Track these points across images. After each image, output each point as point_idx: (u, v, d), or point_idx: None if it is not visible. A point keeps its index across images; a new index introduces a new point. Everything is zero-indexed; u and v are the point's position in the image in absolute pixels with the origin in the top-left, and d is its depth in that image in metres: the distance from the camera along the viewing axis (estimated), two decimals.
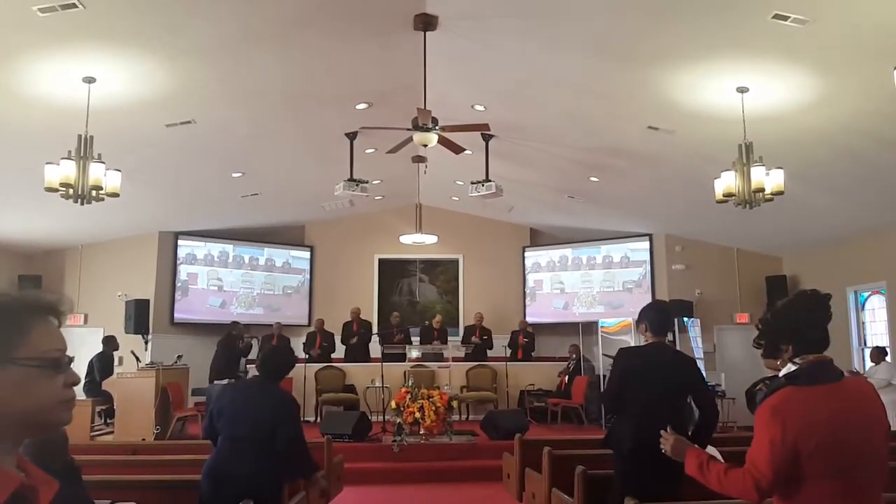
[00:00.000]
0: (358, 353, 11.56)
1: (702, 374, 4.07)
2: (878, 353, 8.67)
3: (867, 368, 9.10)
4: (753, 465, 1.98)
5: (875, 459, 1.98)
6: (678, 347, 10.29)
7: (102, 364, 9.83)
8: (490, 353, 11.75)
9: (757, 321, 2.20)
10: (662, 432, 2.44)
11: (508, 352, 11.65)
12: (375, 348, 11.44)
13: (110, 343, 10.25)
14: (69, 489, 2.61)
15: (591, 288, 12.88)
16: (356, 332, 11.70)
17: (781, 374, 2.10)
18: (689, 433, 3.72)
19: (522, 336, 11.93)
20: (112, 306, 11.35)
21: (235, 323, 11.01)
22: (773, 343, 2.11)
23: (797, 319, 2.08)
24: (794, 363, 2.06)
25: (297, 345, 11.74)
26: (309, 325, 12.46)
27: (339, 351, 11.73)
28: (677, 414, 3.78)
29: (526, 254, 13.51)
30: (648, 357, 3.79)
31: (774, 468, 1.93)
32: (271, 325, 11.69)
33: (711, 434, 3.77)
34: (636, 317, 4.06)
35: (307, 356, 11.16)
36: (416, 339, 11.82)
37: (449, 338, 11.88)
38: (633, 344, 9.27)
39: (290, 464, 3.70)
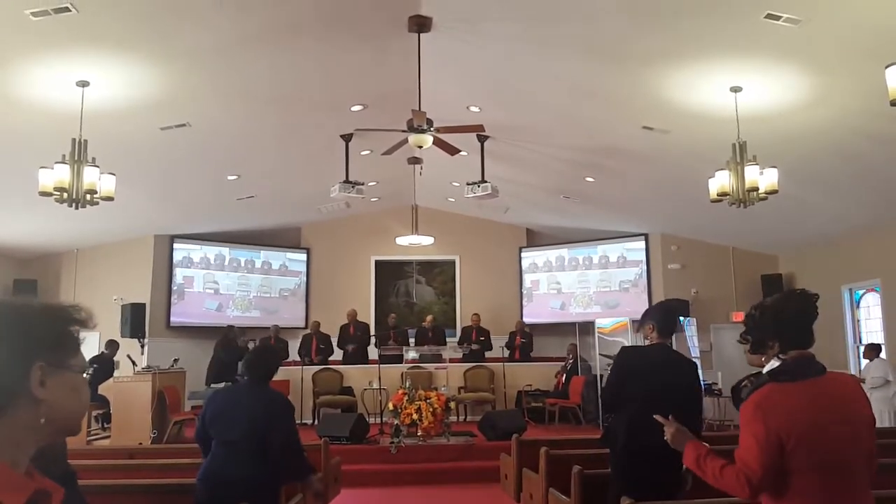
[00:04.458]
0: (355, 355, 11.52)
1: (700, 381, 4.01)
2: (871, 350, 8.67)
3: (862, 366, 9.12)
4: (743, 463, 2.02)
5: (859, 454, 2.00)
6: (675, 347, 10.33)
7: (99, 367, 9.80)
8: (488, 354, 11.74)
9: (744, 317, 2.24)
10: (664, 420, 2.44)
11: (506, 353, 11.64)
12: (373, 349, 11.44)
13: (111, 346, 10.26)
14: (67, 494, 2.62)
15: (587, 288, 12.90)
16: (353, 335, 11.66)
17: (765, 370, 2.14)
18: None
19: (520, 336, 11.93)
20: (108, 310, 11.32)
21: (231, 327, 10.99)
22: (760, 339, 2.16)
23: (785, 317, 2.12)
24: (778, 359, 2.10)
25: (294, 347, 11.76)
26: (306, 327, 12.43)
27: (337, 353, 11.70)
28: (680, 414, 3.76)
29: (522, 254, 13.52)
30: (652, 357, 3.74)
31: (762, 463, 1.98)
32: (268, 328, 11.71)
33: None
34: (635, 317, 4.02)
35: (302, 360, 11.14)
36: (412, 341, 11.79)
37: (447, 339, 11.86)
38: (627, 344, 9.28)
39: (284, 466, 3.63)
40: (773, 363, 2.11)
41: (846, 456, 1.97)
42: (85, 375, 1.16)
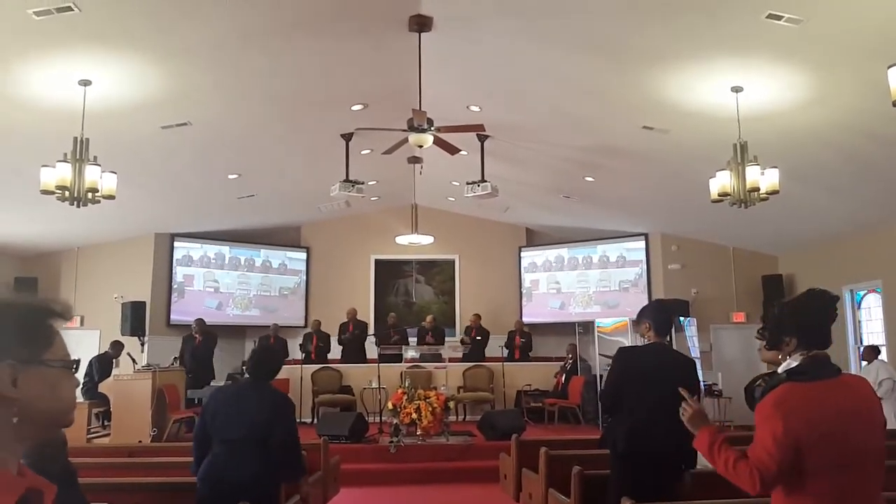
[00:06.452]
0: (354, 354, 11.55)
1: (698, 379, 3.99)
2: (871, 352, 8.61)
3: (862, 367, 9.08)
4: (758, 460, 2.01)
5: (873, 455, 2.00)
6: (674, 347, 10.33)
7: (102, 365, 9.86)
8: (487, 353, 11.71)
9: (763, 314, 2.25)
10: (687, 398, 2.38)
11: (506, 352, 11.64)
12: (372, 349, 11.44)
13: (115, 347, 10.30)
14: (66, 492, 2.62)
15: (587, 288, 12.90)
16: (352, 333, 11.70)
17: (781, 369, 2.13)
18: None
19: (519, 336, 11.93)
20: (108, 308, 11.33)
21: (199, 320, 11.00)
22: (777, 335, 2.16)
23: (806, 315, 2.13)
24: (794, 358, 2.10)
25: (293, 346, 11.79)
26: (305, 326, 12.47)
27: (336, 351, 11.74)
28: (676, 416, 3.75)
29: (522, 254, 13.52)
30: (650, 358, 3.71)
31: (777, 461, 1.97)
32: (268, 326, 11.72)
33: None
34: (634, 316, 3.99)
35: (303, 357, 11.18)
36: (413, 340, 11.81)
37: (446, 338, 11.87)
38: (628, 344, 9.28)
39: (283, 463, 3.66)
40: (790, 362, 2.11)
41: (860, 457, 1.97)
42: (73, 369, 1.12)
